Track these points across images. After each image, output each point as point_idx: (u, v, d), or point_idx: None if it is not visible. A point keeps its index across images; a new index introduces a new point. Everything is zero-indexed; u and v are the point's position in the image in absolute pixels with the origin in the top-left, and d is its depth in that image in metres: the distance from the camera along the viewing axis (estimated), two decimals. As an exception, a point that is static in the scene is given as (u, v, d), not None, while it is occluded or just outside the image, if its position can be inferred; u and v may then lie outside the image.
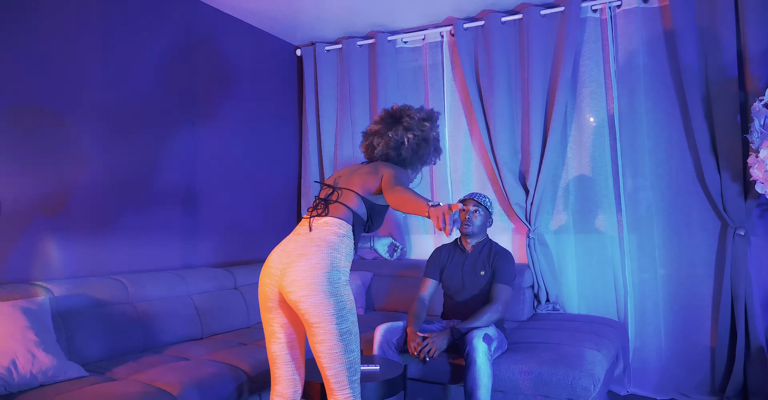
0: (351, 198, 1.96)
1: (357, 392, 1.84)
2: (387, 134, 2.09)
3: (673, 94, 3.35)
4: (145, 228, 3.16)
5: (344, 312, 1.79)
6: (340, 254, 1.86)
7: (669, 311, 3.36)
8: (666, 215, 3.37)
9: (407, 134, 2.08)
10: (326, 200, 1.98)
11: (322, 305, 1.75)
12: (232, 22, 3.87)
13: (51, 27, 2.73)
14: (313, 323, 1.77)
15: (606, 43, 3.53)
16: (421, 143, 2.11)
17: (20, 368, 1.98)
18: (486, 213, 2.86)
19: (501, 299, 2.64)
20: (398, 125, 2.09)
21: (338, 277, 1.81)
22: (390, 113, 2.15)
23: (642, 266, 3.43)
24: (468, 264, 2.82)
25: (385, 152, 2.10)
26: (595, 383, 2.38)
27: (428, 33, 4.04)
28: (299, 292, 1.76)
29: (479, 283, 2.77)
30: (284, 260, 1.84)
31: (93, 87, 2.91)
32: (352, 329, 1.81)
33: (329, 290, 1.77)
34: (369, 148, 2.16)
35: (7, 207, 2.55)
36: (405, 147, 2.08)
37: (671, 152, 3.36)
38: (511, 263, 2.77)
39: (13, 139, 2.57)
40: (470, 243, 2.89)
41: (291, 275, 1.79)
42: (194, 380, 2.16)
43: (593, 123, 3.55)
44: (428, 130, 2.12)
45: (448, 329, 2.54)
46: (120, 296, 2.69)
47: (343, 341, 1.78)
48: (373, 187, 1.98)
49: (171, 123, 3.36)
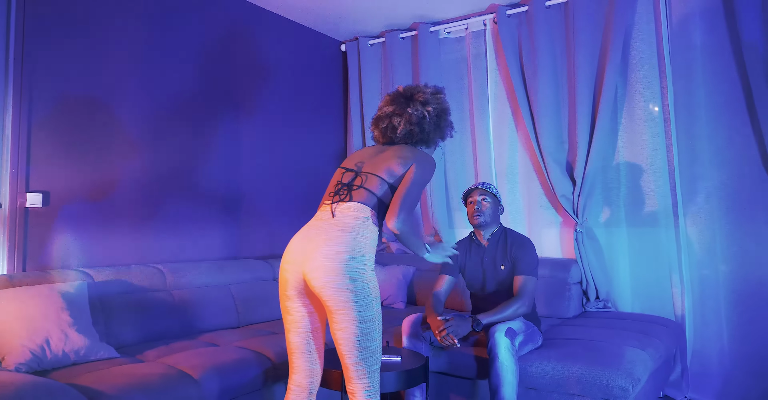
0: (375, 183, 1.91)
1: (376, 382, 1.79)
2: (407, 111, 2.04)
3: (735, 75, 3.08)
4: (188, 220, 3.26)
5: (369, 299, 1.74)
6: (365, 239, 1.81)
7: (732, 312, 3.08)
8: (728, 207, 3.10)
9: (426, 108, 2.04)
10: (349, 186, 1.93)
11: (346, 291, 1.71)
12: (277, 20, 3.94)
13: (99, 25, 2.87)
14: (336, 309, 1.73)
15: (659, 23, 3.30)
16: (441, 114, 2.09)
17: (53, 346, 2.08)
18: (494, 200, 2.67)
19: (525, 291, 2.48)
20: (414, 102, 2.05)
21: (363, 262, 1.77)
22: (400, 94, 2.11)
23: (701, 261, 3.18)
24: (487, 259, 2.66)
25: (408, 130, 2.04)
26: (633, 384, 2.21)
27: (471, 22, 3.94)
28: (324, 278, 1.72)
29: (502, 277, 2.61)
30: (307, 245, 1.80)
31: (138, 83, 3.04)
32: (376, 316, 1.76)
33: (354, 275, 1.72)
34: (388, 129, 2.08)
35: (56, 197, 2.70)
36: (427, 121, 2.05)
37: (733, 139, 3.09)
38: (530, 251, 2.59)
39: (62, 134, 2.72)
40: (485, 236, 2.70)
41: (315, 260, 1.75)
42: (217, 364, 2.19)
43: (646, 109, 3.33)
44: (443, 102, 2.11)
45: (471, 317, 2.42)
46: (158, 283, 2.78)
47: (366, 329, 1.74)
48: (398, 173, 1.92)
49: (214, 118, 3.45)
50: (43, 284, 2.31)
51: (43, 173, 2.66)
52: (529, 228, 3.71)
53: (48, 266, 2.64)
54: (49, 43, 2.69)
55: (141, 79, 3.06)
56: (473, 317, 2.41)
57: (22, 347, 2.02)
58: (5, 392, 1.63)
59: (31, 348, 2.03)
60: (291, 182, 4.00)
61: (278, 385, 2.41)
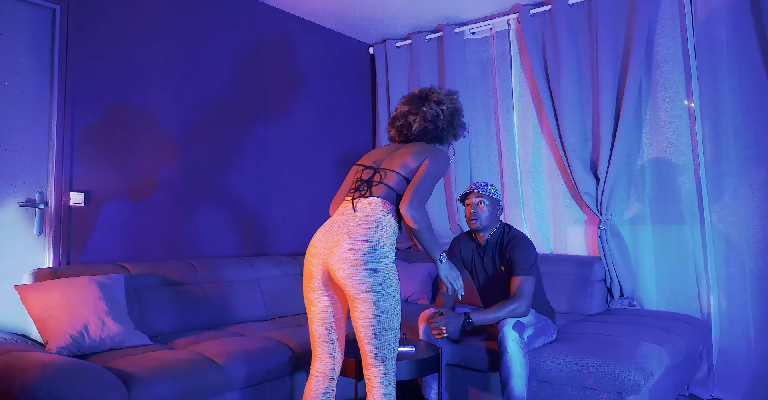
0: (392, 178, 2.01)
1: (392, 369, 1.88)
2: (422, 109, 2.15)
3: (762, 70, 3.03)
4: (219, 218, 3.42)
5: (390, 290, 1.83)
6: (386, 232, 1.90)
7: (760, 310, 3.03)
8: (755, 203, 3.05)
9: (440, 107, 2.15)
10: (369, 182, 2.03)
11: (368, 282, 1.80)
12: (308, 26, 4.09)
13: (136, 36, 3.07)
14: (358, 299, 1.82)
15: (684, 18, 3.27)
16: (454, 113, 2.19)
17: (91, 332, 2.25)
18: (492, 201, 2.62)
19: (522, 292, 2.45)
20: (429, 102, 2.16)
21: (385, 254, 1.85)
22: (416, 95, 2.22)
23: (728, 259, 3.13)
24: (488, 260, 2.66)
25: (423, 127, 2.15)
26: (645, 377, 2.22)
27: (495, 22, 3.98)
28: (347, 269, 1.82)
29: (503, 278, 2.61)
30: (330, 239, 1.90)
31: (173, 90, 3.22)
32: (395, 307, 1.85)
33: (376, 266, 1.81)
34: (404, 127, 2.19)
35: (97, 197, 2.90)
36: (441, 119, 2.15)
37: (760, 134, 3.04)
38: (524, 250, 2.53)
39: (102, 139, 2.92)
40: (484, 237, 2.67)
41: (338, 252, 1.84)
42: (241, 352, 2.32)
43: (670, 105, 3.30)
44: (456, 102, 2.21)
45: (465, 314, 2.43)
46: (190, 277, 2.94)
47: (385, 319, 1.82)
48: (413, 167, 2.02)
49: (246, 120, 3.61)
50: (83, 276, 2.49)
51: (85, 174, 2.86)
52: (554, 226, 3.73)
53: (89, 260, 2.84)
54: (90, 54, 2.89)
55: (176, 86, 3.25)
56: (466, 315, 2.42)
57: (63, 333, 2.19)
58: (47, 371, 1.80)
59: (72, 334, 2.20)
60: (319, 181, 4.12)
61: (299, 374, 2.52)
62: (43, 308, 2.25)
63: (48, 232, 2.75)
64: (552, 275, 3.42)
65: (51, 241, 2.75)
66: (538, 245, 3.80)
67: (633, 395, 2.25)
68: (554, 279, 3.40)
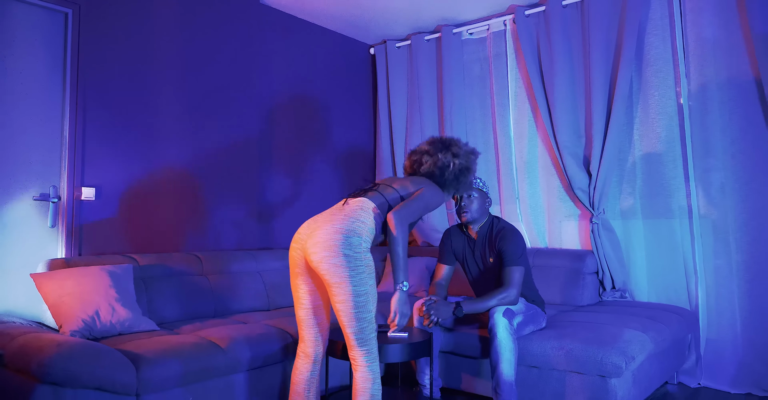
0: (388, 191, 2.24)
1: (374, 348, 2.04)
2: (437, 155, 2.36)
3: (747, 68, 3.13)
4: (224, 213, 3.56)
5: (363, 276, 1.98)
6: (364, 225, 2.06)
7: (746, 300, 3.13)
8: (741, 197, 3.15)
9: (455, 160, 2.36)
10: (366, 189, 2.26)
11: (341, 267, 1.95)
12: (310, 27, 4.21)
13: (141, 40, 3.21)
14: (333, 283, 1.97)
15: (673, 18, 3.38)
16: (464, 171, 2.38)
17: (102, 317, 2.38)
18: (481, 194, 2.72)
19: (511, 282, 2.55)
20: (447, 151, 2.36)
21: (359, 242, 2.00)
22: (441, 140, 2.42)
23: (716, 251, 3.23)
24: (478, 252, 2.76)
25: (430, 170, 2.37)
26: (627, 361, 2.33)
27: (492, 23, 4.09)
28: (321, 253, 1.97)
29: (493, 269, 2.72)
30: (312, 226, 2.09)
31: (181, 87, 3.36)
32: (370, 291, 2.00)
33: (349, 253, 1.96)
34: (416, 163, 2.42)
35: (107, 191, 3.04)
36: (449, 170, 2.35)
37: (746, 130, 3.14)
38: (513, 241, 2.62)
39: (112, 137, 3.06)
40: (474, 229, 2.76)
41: (315, 238, 2.01)
42: (243, 336, 2.45)
43: (660, 103, 3.41)
44: (472, 162, 2.41)
45: (455, 303, 2.54)
46: (196, 269, 3.08)
47: (361, 302, 1.98)
48: (410, 190, 2.25)
49: (250, 120, 3.74)
50: (94, 265, 2.63)
51: (96, 171, 3.00)
52: (549, 221, 3.83)
53: (99, 252, 2.98)
54: (101, 55, 3.04)
55: (182, 85, 3.38)
56: (457, 304, 2.53)
57: (76, 318, 2.33)
58: (62, 350, 1.93)
59: (84, 319, 2.34)
60: (320, 179, 4.25)
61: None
62: (57, 294, 2.38)
63: (61, 225, 2.89)
64: (545, 267, 3.53)
65: (63, 233, 2.89)
66: (533, 240, 3.91)
67: (616, 379, 2.36)
68: (547, 272, 3.51)
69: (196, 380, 2.24)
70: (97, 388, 1.94)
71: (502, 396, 2.39)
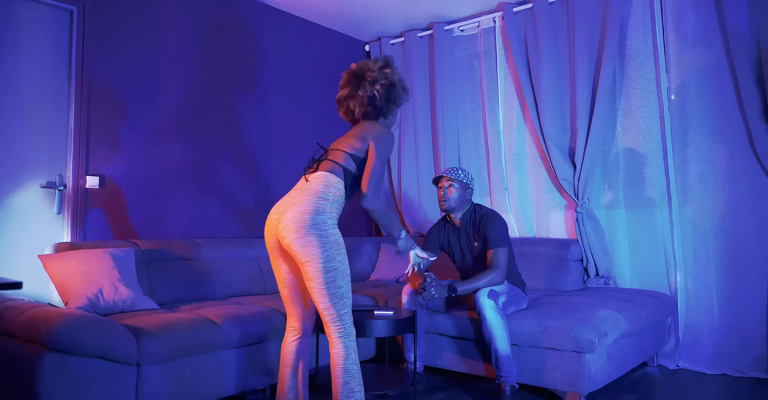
0: (339, 156, 2.22)
1: (348, 324, 2.08)
2: (357, 94, 2.27)
3: (724, 62, 3.26)
4: (222, 202, 3.71)
5: (331, 252, 2.04)
6: (327, 201, 2.10)
7: (723, 285, 3.26)
8: (719, 186, 3.28)
9: (375, 86, 2.24)
10: (318, 160, 2.27)
11: (309, 246, 2.02)
12: (306, 25, 4.36)
13: (143, 36, 3.36)
14: (303, 262, 2.04)
15: (654, 15, 3.51)
16: (390, 89, 2.27)
17: (105, 296, 2.53)
18: (461, 185, 2.85)
19: (496, 263, 2.70)
20: (363, 82, 2.26)
21: (324, 220, 2.06)
22: (351, 73, 2.32)
23: (695, 238, 3.36)
24: (462, 239, 2.90)
25: (364, 111, 2.29)
26: (600, 337, 2.46)
27: (482, 20, 4.23)
28: (290, 236, 2.04)
29: (477, 253, 2.86)
30: (279, 210, 2.13)
31: (182, 81, 3.51)
32: (338, 267, 2.04)
33: (315, 232, 2.03)
34: (348, 113, 2.37)
35: (110, 180, 3.19)
36: (378, 98, 2.26)
37: (723, 121, 3.27)
38: (495, 224, 2.76)
39: (115, 127, 3.21)
40: (457, 217, 2.91)
41: (283, 221, 2.07)
42: (237, 315, 2.59)
43: (641, 96, 3.54)
44: (391, 75, 2.27)
45: (449, 284, 2.69)
46: (195, 254, 3.22)
47: (330, 278, 2.02)
48: (359, 147, 2.22)
49: (249, 115, 3.89)
50: (98, 248, 2.78)
51: (100, 160, 3.15)
52: (537, 211, 3.96)
53: (103, 237, 3.13)
54: (104, 50, 3.19)
55: (184, 79, 3.53)
56: (450, 285, 2.69)
57: (81, 295, 2.48)
58: (69, 320, 2.08)
59: (88, 296, 2.48)
60: (317, 171, 4.39)
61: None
62: (63, 273, 2.53)
63: (66, 212, 3.04)
64: (532, 255, 3.67)
65: (69, 220, 3.04)
66: (522, 229, 4.04)
67: (589, 354, 2.49)
68: (534, 259, 3.64)
69: (193, 354, 2.38)
70: (101, 357, 2.09)
71: (503, 370, 2.54)
